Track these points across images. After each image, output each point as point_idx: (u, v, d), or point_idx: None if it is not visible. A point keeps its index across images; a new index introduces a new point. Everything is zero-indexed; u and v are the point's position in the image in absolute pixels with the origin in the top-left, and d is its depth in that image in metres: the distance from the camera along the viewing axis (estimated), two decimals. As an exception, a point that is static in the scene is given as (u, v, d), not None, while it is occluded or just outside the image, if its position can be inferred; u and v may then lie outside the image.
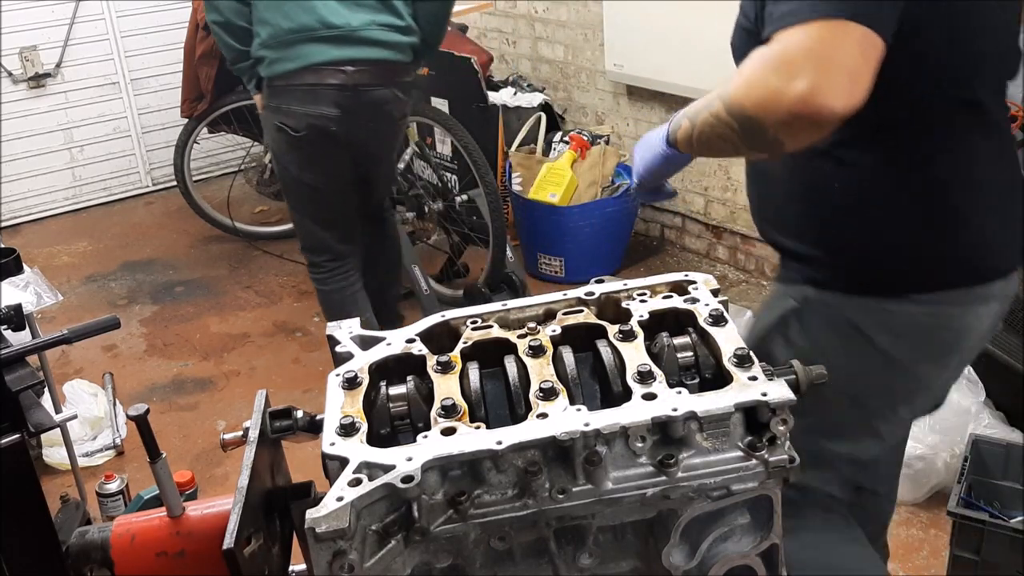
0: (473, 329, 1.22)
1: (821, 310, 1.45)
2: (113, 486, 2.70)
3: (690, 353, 1.15)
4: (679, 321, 1.20)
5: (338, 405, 1.11)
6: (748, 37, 1.35)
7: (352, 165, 2.94)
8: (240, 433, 1.20)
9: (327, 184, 2.94)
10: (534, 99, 4.39)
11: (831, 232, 1.44)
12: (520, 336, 1.19)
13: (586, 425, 1.01)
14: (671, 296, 1.25)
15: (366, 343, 1.23)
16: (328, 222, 3.03)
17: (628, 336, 1.16)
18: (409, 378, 1.16)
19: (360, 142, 2.86)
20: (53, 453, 2.98)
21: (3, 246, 1.37)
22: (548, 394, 1.07)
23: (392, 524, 1.00)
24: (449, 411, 1.07)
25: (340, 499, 0.96)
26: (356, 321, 1.28)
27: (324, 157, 2.84)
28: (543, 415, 1.04)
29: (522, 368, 1.14)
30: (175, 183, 4.85)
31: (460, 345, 1.19)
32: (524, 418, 1.05)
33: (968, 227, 1.40)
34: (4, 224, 5.07)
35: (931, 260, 1.40)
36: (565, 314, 1.23)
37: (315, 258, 3.08)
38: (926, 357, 1.47)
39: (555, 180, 4.02)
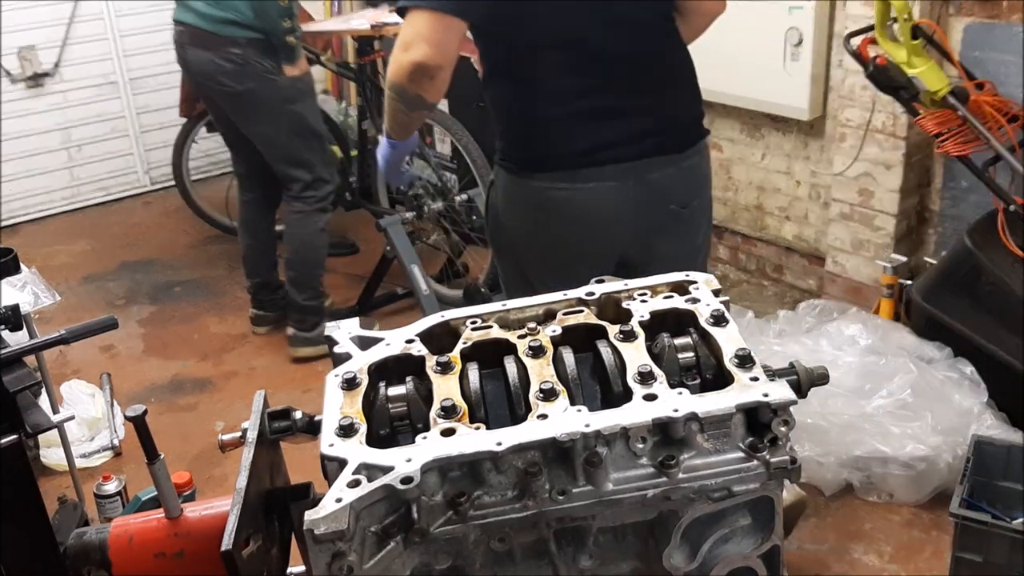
0: (473, 329, 1.21)
1: (499, 183, 2.13)
2: (111, 487, 2.69)
3: (691, 353, 1.14)
4: (680, 321, 1.20)
5: (337, 406, 1.11)
6: None
7: (216, 113, 3.64)
8: (239, 434, 1.20)
9: (213, 115, 3.74)
10: (534, 99, 4.38)
11: (499, 133, 2.10)
12: (520, 336, 1.19)
13: (586, 426, 1.01)
14: (672, 296, 1.24)
15: (365, 343, 1.22)
16: (231, 147, 3.77)
17: (629, 336, 1.15)
18: (408, 379, 1.15)
19: (201, 93, 3.59)
20: (51, 454, 2.97)
21: (1, 246, 1.36)
22: (548, 395, 1.07)
23: (391, 525, 1.00)
24: (449, 412, 1.06)
25: (339, 500, 0.96)
26: (355, 321, 1.27)
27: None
28: (543, 416, 1.04)
29: (522, 369, 1.13)
30: (173, 183, 4.85)
31: (460, 345, 1.19)
32: (524, 419, 1.05)
33: (549, 130, 1.99)
34: (2, 224, 5.07)
35: (538, 152, 2.02)
36: (565, 314, 1.23)
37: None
38: (561, 222, 2.03)
39: (555, 180, 4.01)
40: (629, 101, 1.99)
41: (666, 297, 1.24)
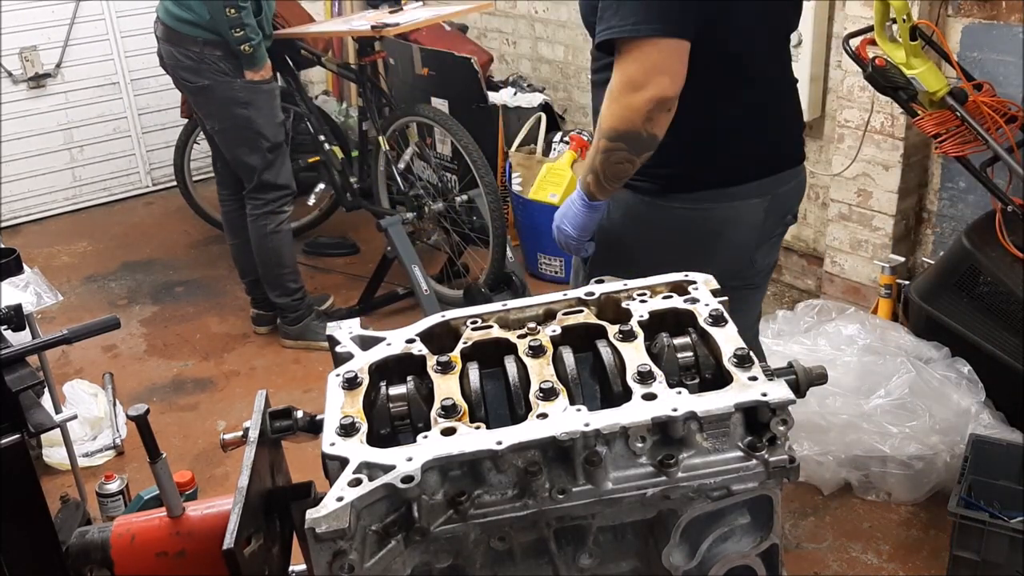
0: (473, 329, 1.22)
1: (632, 204, 1.95)
2: (113, 486, 2.70)
3: (690, 353, 1.15)
4: (679, 321, 1.20)
5: (338, 405, 1.11)
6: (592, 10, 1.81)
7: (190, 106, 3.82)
8: (240, 433, 1.20)
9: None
10: (534, 99, 4.39)
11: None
12: (520, 336, 1.19)
13: (586, 425, 1.01)
14: (671, 296, 1.25)
15: (366, 343, 1.23)
16: (209, 143, 3.81)
17: (628, 336, 1.16)
18: (409, 378, 1.16)
19: (174, 81, 3.60)
20: (53, 453, 2.98)
21: (3, 246, 1.37)
22: (548, 394, 1.07)
23: (392, 524, 1.00)
24: (449, 411, 1.07)
25: (340, 499, 0.96)
26: (356, 321, 1.28)
27: None
28: (543, 415, 1.04)
29: (522, 368, 1.14)
30: (175, 183, 4.86)
31: (460, 345, 1.19)
32: (524, 418, 1.05)
33: (710, 147, 1.90)
34: (4, 224, 5.07)
35: (689, 170, 1.90)
36: (565, 314, 1.23)
37: None
38: (694, 242, 1.95)
39: (555, 180, 4.02)
40: (772, 115, 1.98)
41: (665, 297, 1.25)
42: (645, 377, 1.08)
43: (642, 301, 1.24)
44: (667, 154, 1.82)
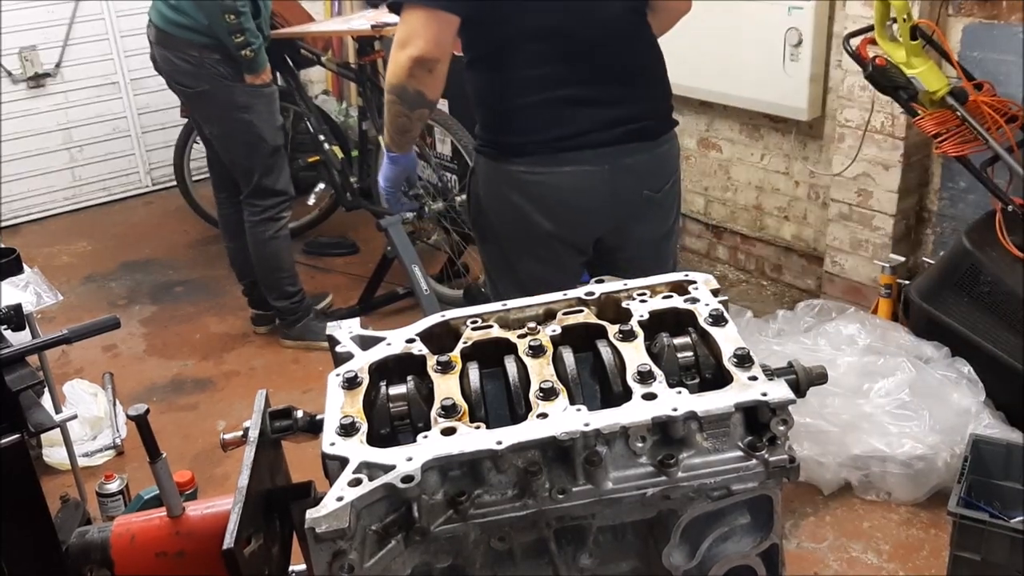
0: (473, 329, 1.22)
1: (480, 169, 2.19)
2: (113, 486, 2.70)
3: (690, 353, 1.15)
4: (679, 321, 1.20)
5: (338, 405, 1.11)
6: None
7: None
8: (240, 433, 1.20)
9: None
10: (534, 99, 4.38)
11: (479, 120, 2.17)
12: (520, 336, 1.19)
13: (586, 425, 1.01)
14: (671, 296, 1.25)
15: (366, 343, 1.23)
16: (205, 145, 3.77)
17: (628, 336, 1.16)
18: (409, 378, 1.16)
19: (169, 86, 3.58)
20: (53, 453, 2.98)
21: (3, 246, 1.37)
22: (548, 394, 1.07)
23: (392, 524, 1.00)
24: (449, 411, 1.07)
25: (340, 499, 0.96)
26: (356, 321, 1.28)
27: None
28: (543, 415, 1.04)
29: (522, 368, 1.14)
30: (175, 183, 4.86)
31: (460, 345, 1.19)
32: (524, 418, 1.05)
33: (527, 117, 2.07)
34: (4, 224, 5.07)
35: (516, 138, 2.09)
36: (565, 314, 1.23)
37: None
38: (540, 205, 2.10)
39: (555, 180, 4.01)
40: (604, 91, 2.08)
41: (665, 297, 1.25)
42: (645, 377, 1.08)
43: (642, 301, 1.24)
44: (497, 122, 2.11)
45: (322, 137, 4.14)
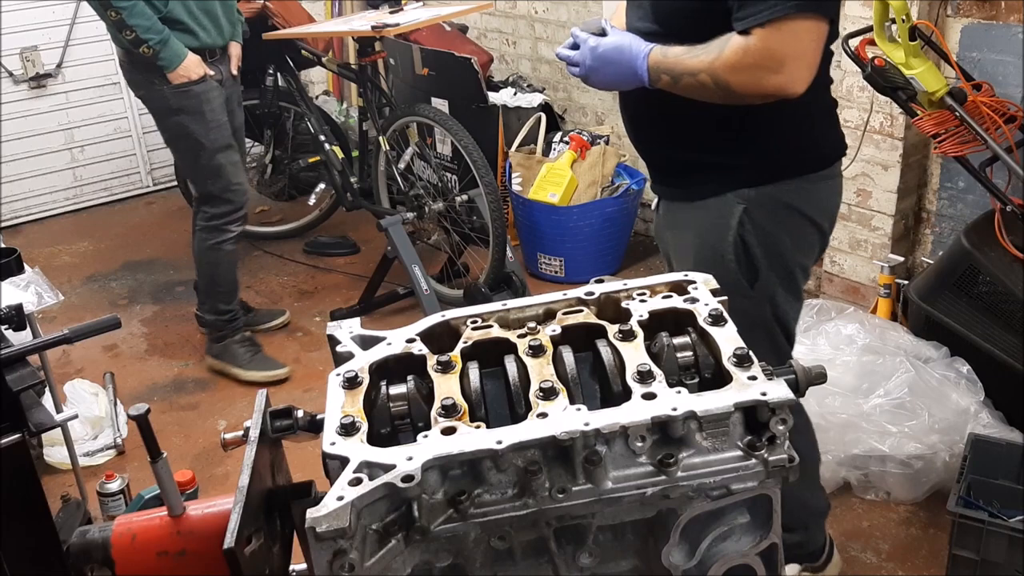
0: (473, 329, 1.22)
1: (764, 203, 1.85)
2: (114, 486, 2.70)
3: (690, 353, 1.15)
4: (679, 321, 1.21)
5: (338, 405, 1.11)
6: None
7: None
8: (241, 433, 1.21)
9: None
10: (534, 99, 4.39)
11: (759, 142, 1.83)
12: (520, 336, 1.20)
13: (586, 425, 1.02)
14: (671, 296, 1.25)
15: (366, 343, 1.23)
16: None
17: (628, 336, 1.16)
18: (409, 378, 1.16)
19: None
20: (54, 453, 2.98)
21: (4, 246, 1.37)
22: (548, 394, 1.07)
23: (392, 523, 1.00)
24: (449, 411, 1.07)
25: (340, 498, 0.97)
26: (356, 321, 1.28)
27: None
28: (543, 415, 1.05)
29: (522, 368, 1.14)
30: (176, 183, 4.86)
31: (460, 345, 1.20)
32: (524, 418, 1.06)
33: (827, 124, 1.93)
34: (5, 224, 5.08)
35: (821, 146, 1.91)
36: (565, 314, 1.24)
37: None
38: (829, 218, 1.97)
39: (555, 180, 4.02)
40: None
41: (665, 297, 1.25)
42: (645, 377, 1.08)
43: (642, 301, 1.24)
44: (817, 132, 1.88)
45: (323, 137, 4.14)
